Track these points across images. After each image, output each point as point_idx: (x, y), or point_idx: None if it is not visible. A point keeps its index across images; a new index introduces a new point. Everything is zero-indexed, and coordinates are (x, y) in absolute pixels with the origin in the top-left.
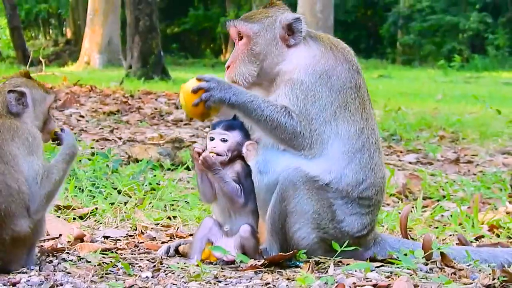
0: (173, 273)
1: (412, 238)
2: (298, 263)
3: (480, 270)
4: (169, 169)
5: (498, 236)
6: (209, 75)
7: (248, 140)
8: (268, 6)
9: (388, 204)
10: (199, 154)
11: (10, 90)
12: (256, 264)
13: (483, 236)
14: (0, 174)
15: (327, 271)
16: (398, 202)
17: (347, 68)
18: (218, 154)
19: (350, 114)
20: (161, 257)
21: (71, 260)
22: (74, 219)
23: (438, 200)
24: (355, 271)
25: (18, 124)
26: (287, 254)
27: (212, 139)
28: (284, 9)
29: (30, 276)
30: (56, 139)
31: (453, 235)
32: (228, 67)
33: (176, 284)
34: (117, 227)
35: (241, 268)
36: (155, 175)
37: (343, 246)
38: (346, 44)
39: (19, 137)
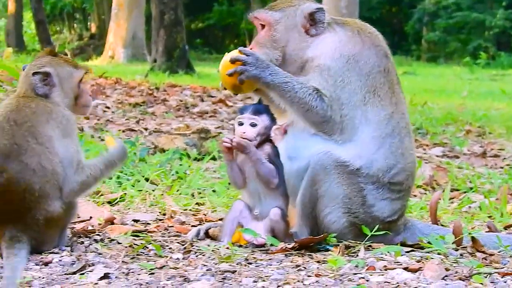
0: (204, 255)
1: (442, 225)
2: (328, 247)
3: (511, 256)
4: (195, 159)
5: None
6: (250, 50)
7: (275, 124)
8: None
9: (415, 196)
10: (229, 148)
11: (34, 72)
12: (286, 247)
13: None
14: (35, 155)
15: (357, 255)
16: (425, 193)
17: (375, 53)
18: (248, 139)
19: (379, 99)
20: (192, 239)
21: (102, 241)
22: (103, 204)
23: (465, 192)
24: (386, 254)
25: (52, 107)
26: (317, 237)
27: (241, 124)
28: None
29: (62, 256)
30: None
31: (482, 225)
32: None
33: (206, 266)
34: (146, 211)
35: (271, 251)
36: (181, 164)
37: (373, 231)
38: None
39: (53, 119)
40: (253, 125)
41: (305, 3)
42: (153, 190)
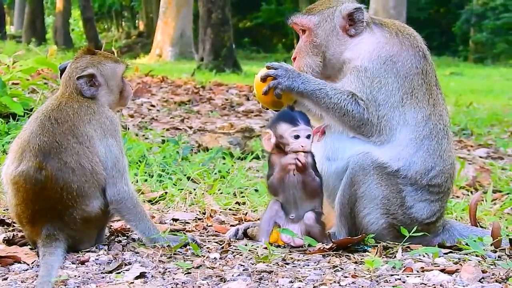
0: (241, 255)
1: (482, 227)
2: (366, 248)
3: None
4: (239, 158)
5: None
6: (278, 63)
7: None
8: None
9: (457, 197)
10: (303, 166)
11: (79, 76)
12: (323, 248)
13: None
14: (74, 154)
15: (395, 256)
16: (468, 194)
17: (413, 54)
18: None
19: (417, 100)
20: (230, 239)
21: (140, 240)
22: (143, 202)
23: (508, 194)
24: (423, 256)
25: (96, 108)
26: (355, 238)
27: (297, 137)
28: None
29: (99, 255)
30: None
31: None
32: (294, 58)
33: (243, 265)
34: (186, 210)
35: (309, 251)
36: (224, 163)
37: (412, 232)
38: None
39: (96, 120)
40: (309, 136)
41: (343, 3)
42: (194, 189)
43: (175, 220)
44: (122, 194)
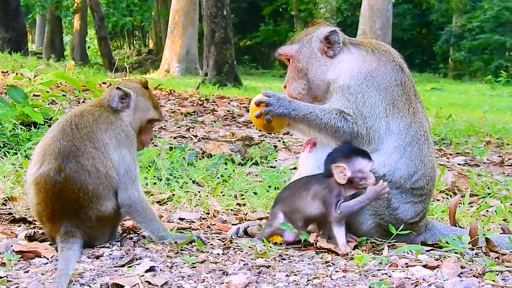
0: (242, 251)
1: (460, 227)
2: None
3: None
4: (239, 164)
5: None
6: (272, 92)
7: None
8: (310, 25)
9: (438, 200)
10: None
11: (118, 87)
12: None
13: None
14: (90, 158)
15: (382, 253)
16: (447, 198)
17: (390, 68)
18: None
19: (398, 110)
20: (231, 236)
21: (150, 238)
22: (152, 203)
23: (483, 197)
24: (408, 253)
25: (114, 119)
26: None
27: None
28: (323, 25)
29: (112, 250)
30: None
31: (497, 227)
32: (285, 86)
33: (244, 261)
34: (191, 211)
35: (303, 248)
36: (226, 169)
37: (398, 230)
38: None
39: (112, 130)
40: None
41: (319, 29)
42: (199, 192)
43: (181, 219)
44: (132, 198)
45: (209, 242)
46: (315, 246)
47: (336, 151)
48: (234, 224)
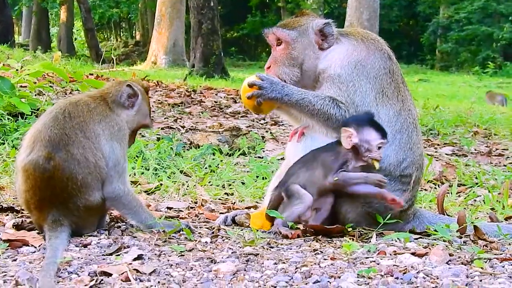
0: (230, 239)
1: (448, 215)
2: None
3: (510, 244)
4: (227, 154)
5: None
6: (266, 75)
7: None
8: (299, 15)
9: (425, 190)
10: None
11: (129, 84)
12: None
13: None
14: (80, 147)
15: (370, 241)
16: (435, 187)
17: (379, 56)
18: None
19: (387, 98)
20: (219, 225)
21: (138, 226)
22: (139, 193)
23: (471, 187)
24: (396, 241)
25: (110, 113)
26: (333, 227)
27: (379, 148)
28: (314, 16)
29: (100, 239)
30: None
31: (485, 216)
32: (268, 68)
33: (232, 249)
34: (179, 200)
35: (291, 234)
36: (214, 159)
37: (386, 219)
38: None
39: (106, 122)
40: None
41: (314, 20)
42: (187, 181)
43: (169, 208)
44: (117, 191)
45: (197, 231)
46: (304, 227)
47: (353, 117)
48: (222, 213)
